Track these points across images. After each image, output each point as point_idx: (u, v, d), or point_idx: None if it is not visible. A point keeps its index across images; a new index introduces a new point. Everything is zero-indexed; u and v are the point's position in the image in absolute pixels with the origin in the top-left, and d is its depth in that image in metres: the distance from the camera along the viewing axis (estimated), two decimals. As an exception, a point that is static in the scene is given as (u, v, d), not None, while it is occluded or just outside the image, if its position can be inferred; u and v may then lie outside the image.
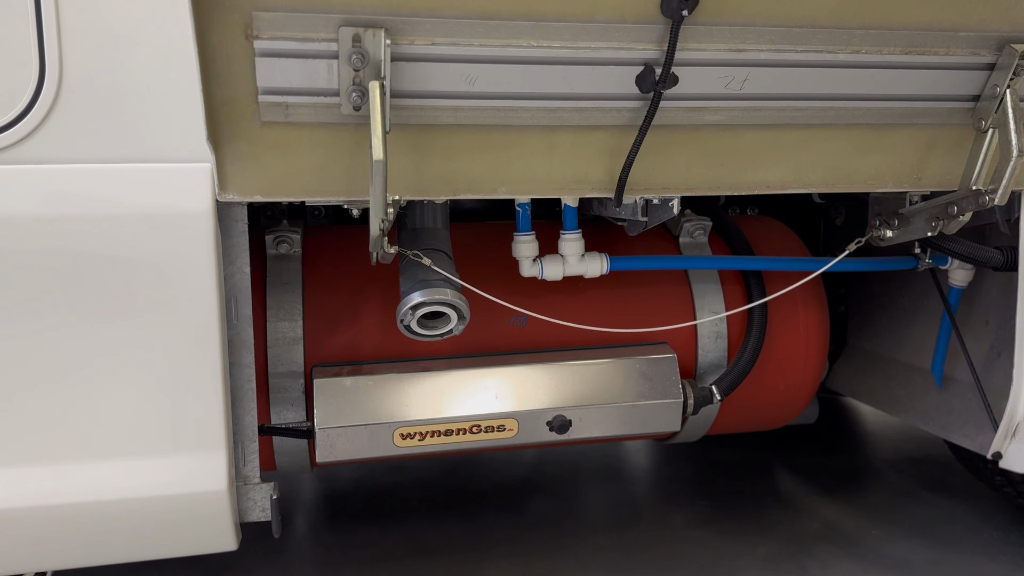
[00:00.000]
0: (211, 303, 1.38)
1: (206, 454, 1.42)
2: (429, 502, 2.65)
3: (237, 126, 1.30)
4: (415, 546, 2.35)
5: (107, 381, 1.37)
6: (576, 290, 1.86)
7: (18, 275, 1.32)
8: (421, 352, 1.78)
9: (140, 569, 2.19)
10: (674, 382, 1.77)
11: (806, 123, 1.49)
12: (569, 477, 2.86)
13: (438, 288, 1.53)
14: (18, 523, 1.40)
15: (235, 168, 1.33)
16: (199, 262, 1.37)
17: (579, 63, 1.34)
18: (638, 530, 2.46)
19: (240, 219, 1.45)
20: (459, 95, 1.34)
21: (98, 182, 1.33)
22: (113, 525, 1.43)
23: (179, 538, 1.47)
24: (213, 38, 1.21)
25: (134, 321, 1.36)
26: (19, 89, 1.29)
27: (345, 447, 1.64)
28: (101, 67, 1.28)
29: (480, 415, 1.68)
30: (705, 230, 1.96)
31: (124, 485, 1.39)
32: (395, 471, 2.89)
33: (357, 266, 1.82)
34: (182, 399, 1.39)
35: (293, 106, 1.30)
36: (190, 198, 1.35)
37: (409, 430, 1.66)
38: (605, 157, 1.45)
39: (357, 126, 1.34)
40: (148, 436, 1.39)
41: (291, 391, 1.71)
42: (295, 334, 1.72)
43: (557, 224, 1.75)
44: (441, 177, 1.42)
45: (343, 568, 2.24)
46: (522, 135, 1.41)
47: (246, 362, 1.50)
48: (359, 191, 1.39)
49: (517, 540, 2.38)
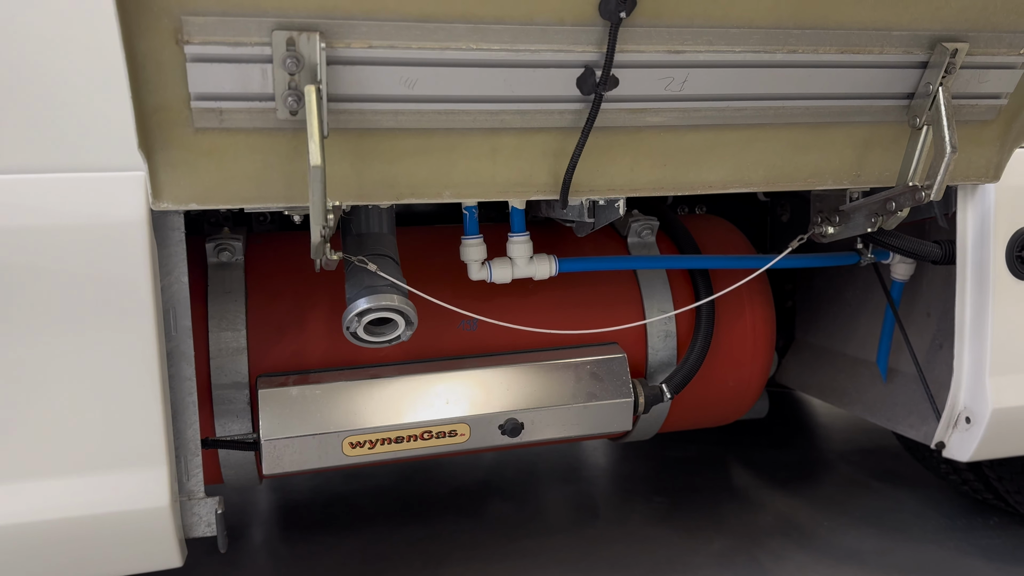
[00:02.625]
0: (147, 315, 1.35)
1: (147, 470, 1.38)
2: (386, 509, 2.63)
3: (170, 133, 1.26)
4: (372, 554, 2.32)
5: (40, 397, 1.32)
6: (526, 292, 1.85)
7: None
8: (370, 359, 1.76)
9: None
10: (624, 382, 1.78)
11: (746, 123, 1.51)
12: (527, 479, 2.86)
13: (384, 294, 1.51)
14: (-52, 549, 1.34)
15: (169, 176, 1.30)
16: (134, 273, 1.33)
17: (519, 66, 1.33)
18: (596, 529, 2.47)
19: (177, 228, 1.42)
20: (398, 98, 1.32)
21: (26, 192, 1.28)
22: (53, 546, 1.38)
23: (123, 557, 1.43)
24: (142, 44, 1.18)
25: (68, 335, 1.32)
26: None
27: (292, 458, 1.61)
28: (26, 74, 1.24)
29: (431, 421, 1.66)
30: (652, 230, 1.97)
31: (62, 504, 1.35)
32: (352, 479, 2.86)
33: (302, 273, 1.79)
34: (120, 414, 1.35)
35: (227, 112, 1.27)
36: (123, 207, 1.31)
37: (359, 439, 1.63)
38: (549, 159, 1.45)
39: (294, 131, 1.31)
40: (86, 453, 1.35)
41: (236, 402, 1.68)
42: (238, 344, 1.68)
43: (506, 227, 1.75)
44: (383, 182, 1.40)
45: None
46: (464, 138, 1.40)
47: (186, 374, 1.46)
48: (299, 197, 1.37)
49: (475, 544, 2.37)
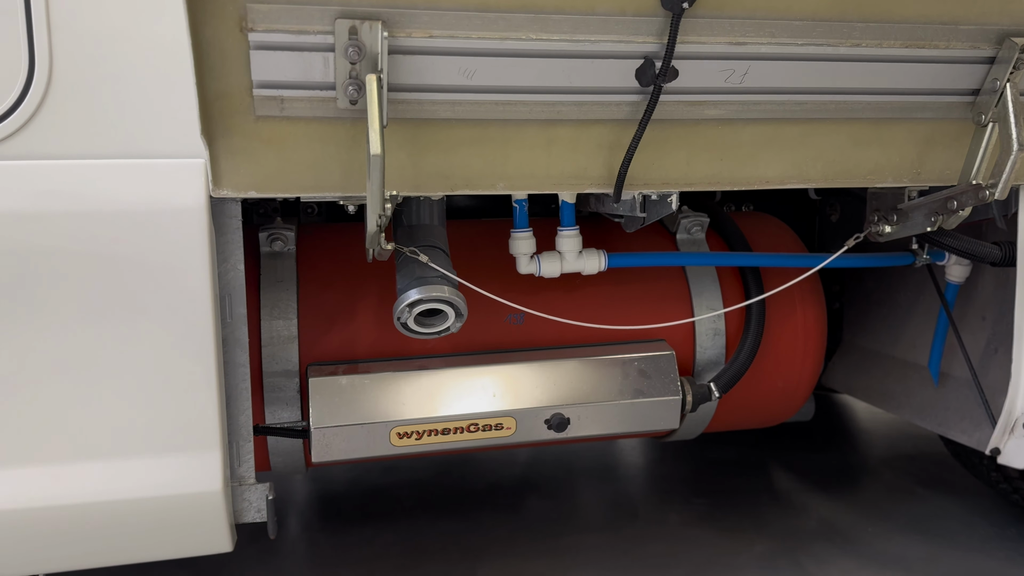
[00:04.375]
0: (205, 301, 1.36)
1: (201, 454, 1.39)
2: (424, 502, 2.63)
3: (231, 120, 1.28)
4: (410, 546, 2.33)
5: (99, 381, 1.34)
6: (573, 287, 1.84)
7: (5, 273, 1.29)
8: (417, 350, 1.76)
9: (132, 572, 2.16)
10: (672, 379, 1.76)
11: (806, 117, 1.48)
12: (564, 476, 2.85)
13: (435, 285, 1.52)
14: (9, 525, 1.37)
15: (229, 163, 1.31)
16: (192, 259, 1.34)
17: (578, 56, 1.32)
18: (634, 528, 2.45)
19: (234, 216, 1.43)
20: (457, 89, 1.32)
21: (89, 178, 1.30)
22: (106, 527, 1.40)
23: (173, 540, 1.45)
24: (207, 31, 1.19)
25: (126, 319, 1.33)
26: (7, 84, 1.26)
27: (341, 447, 1.62)
28: (93, 61, 1.25)
29: (477, 414, 1.66)
30: (702, 226, 1.95)
31: (118, 486, 1.37)
32: (389, 471, 2.87)
33: (352, 263, 1.80)
34: (176, 399, 1.37)
35: (288, 100, 1.28)
36: (183, 194, 1.32)
37: (406, 429, 1.64)
38: (604, 152, 1.44)
39: (353, 120, 1.32)
40: (142, 437, 1.37)
41: (286, 390, 1.69)
42: (290, 332, 1.69)
43: (553, 221, 1.74)
44: (438, 172, 1.40)
45: (338, 569, 2.22)
46: (520, 129, 1.39)
47: (241, 361, 1.47)
48: (355, 187, 1.37)
49: (513, 540, 2.37)
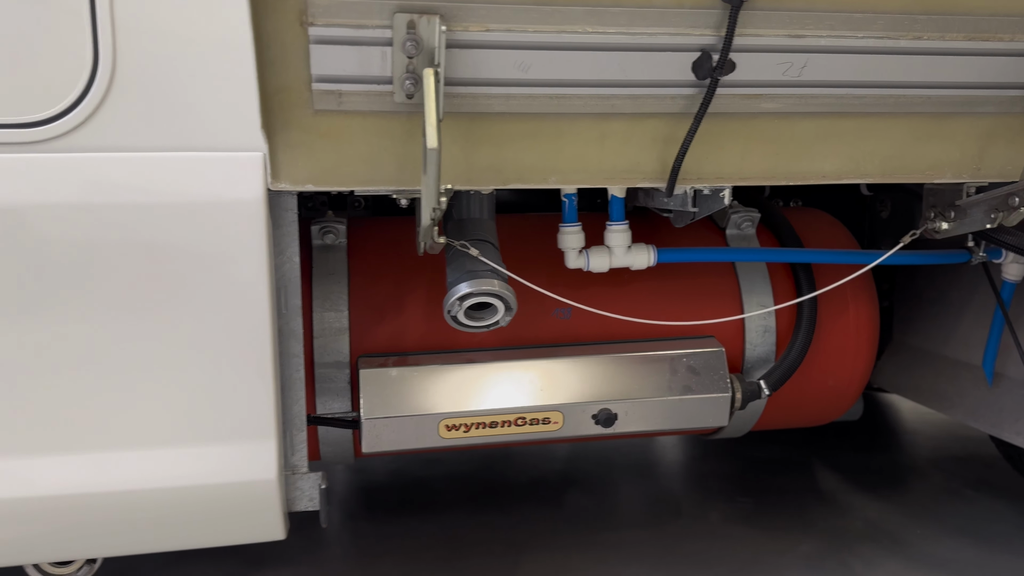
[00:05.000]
0: (262, 292, 1.38)
1: (257, 443, 1.42)
2: (466, 495, 2.64)
3: (290, 114, 1.29)
4: (453, 538, 2.34)
5: (159, 370, 1.37)
6: (620, 282, 1.83)
7: (71, 263, 1.32)
8: (464, 343, 1.77)
9: (180, 558, 2.20)
10: (722, 376, 1.74)
11: (864, 111, 1.46)
12: (605, 472, 2.84)
13: (486, 279, 1.52)
14: (70, 510, 1.40)
15: (287, 157, 1.33)
16: (251, 251, 1.36)
17: (634, 49, 1.32)
18: (677, 526, 2.44)
19: (290, 208, 1.45)
20: (511, 82, 1.32)
21: (150, 170, 1.33)
22: (164, 513, 1.43)
23: (229, 527, 1.47)
24: (268, 25, 1.21)
25: (186, 309, 1.36)
26: (72, 77, 1.29)
27: (391, 438, 1.64)
28: (155, 55, 1.28)
29: (525, 407, 1.67)
30: (753, 222, 1.93)
31: (175, 473, 1.40)
32: (430, 464, 2.89)
33: (401, 257, 1.81)
34: (233, 388, 1.39)
35: (346, 94, 1.29)
36: (241, 186, 1.34)
37: (455, 422, 1.65)
38: (658, 146, 1.43)
39: (409, 114, 1.33)
40: (200, 425, 1.39)
41: (336, 381, 1.71)
42: (341, 324, 1.71)
43: (599, 216, 1.73)
44: (491, 166, 1.40)
45: (382, 558, 2.24)
46: (574, 123, 1.39)
47: (295, 352, 1.49)
48: (410, 180, 1.38)
49: (555, 533, 2.37)
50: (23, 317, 1.31)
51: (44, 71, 1.28)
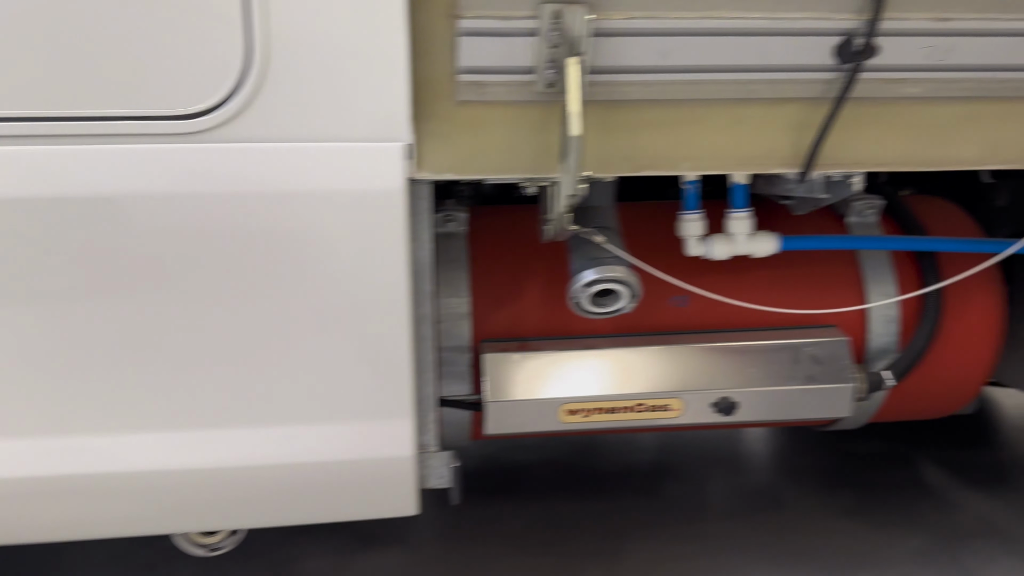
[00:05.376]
0: (401, 278, 1.43)
1: (395, 422, 1.47)
2: (563, 482, 2.67)
3: (434, 105, 1.33)
4: (554, 523, 2.37)
5: (305, 351, 1.43)
6: (739, 270, 1.82)
7: (224, 249, 1.39)
8: (582, 330, 1.79)
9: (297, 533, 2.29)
10: (846, 366, 1.73)
11: (1007, 96, 1.42)
12: (697, 463, 2.83)
13: (611, 266, 1.54)
14: (218, 483, 1.48)
15: (429, 147, 1.37)
16: (391, 238, 1.41)
17: (775, 34, 1.31)
18: (779, 519, 2.42)
19: (424, 197, 1.49)
20: (650, 69, 1.33)
21: (299, 160, 1.38)
22: (306, 487, 1.50)
23: (365, 501, 1.53)
24: (419, 17, 1.24)
25: (331, 294, 1.41)
26: (227, 70, 1.35)
27: (513, 421, 1.67)
28: (307, 48, 1.33)
29: (645, 393, 1.68)
30: (877, 210, 1.89)
31: (318, 449, 1.46)
32: (524, 449, 2.93)
33: (520, 244, 1.84)
34: (373, 369, 1.45)
35: (488, 84, 1.32)
36: (384, 176, 1.39)
37: (575, 407, 1.67)
38: (794, 131, 1.42)
39: (547, 103, 1.35)
40: (342, 403, 1.45)
41: (458, 365, 1.76)
42: (463, 310, 1.76)
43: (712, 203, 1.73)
44: (624, 154, 1.42)
45: (484, 539, 2.29)
46: (709, 109, 1.39)
47: (426, 336, 1.54)
48: (544, 168, 1.41)
49: (655, 523, 2.38)
50: (189, 300, 1.38)
51: (200, 64, 1.35)
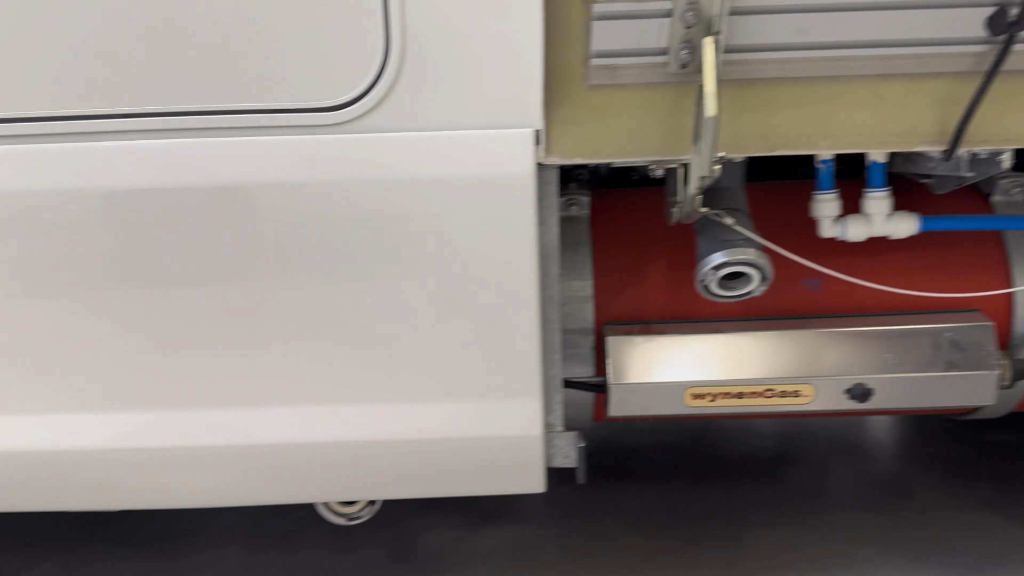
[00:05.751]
0: (530, 261, 1.46)
1: (523, 401, 1.51)
2: (680, 467, 2.66)
3: (565, 90, 1.35)
4: (672, 508, 2.37)
5: (438, 331, 1.48)
6: (873, 252, 1.76)
7: (363, 235, 1.45)
8: (707, 314, 1.78)
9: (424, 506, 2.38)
10: (990, 352, 1.64)
11: None
12: (821, 451, 2.75)
13: (741, 248, 1.52)
14: (360, 455, 1.56)
15: (559, 132, 1.38)
16: (520, 223, 1.44)
17: (923, 7, 1.26)
18: (909, 509, 2.33)
19: (551, 182, 1.51)
20: (787, 47, 1.30)
21: (434, 148, 1.43)
22: (439, 461, 1.56)
23: (494, 477, 1.58)
24: (554, 4, 1.26)
25: (464, 277, 1.46)
26: (366, 63, 1.41)
27: (637, 403, 1.68)
28: (443, 38, 1.36)
29: (775, 379, 1.65)
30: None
31: (451, 425, 1.51)
32: (640, 433, 2.92)
33: (642, 227, 1.84)
34: (504, 349, 1.49)
35: (620, 68, 1.32)
36: (515, 161, 1.42)
37: (701, 391, 1.66)
38: (939, 107, 1.36)
39: (679, 84, 1.34)
40: (474, 382, 1.50)
41: (581, 347, 1.77)
42: (586, 293, 1.77)
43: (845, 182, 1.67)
44: (757, 133, 1.39)
45: (603, 520, 2.31)
46: (848, 86, 1.35)
47: (553, 318, 1.57)
48: (674, 150, 1.40)
49: (777, 510, 2.33)
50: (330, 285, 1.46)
51: (343, 57, 1.41)
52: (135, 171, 1.44)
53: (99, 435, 1.55)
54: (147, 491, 1.66)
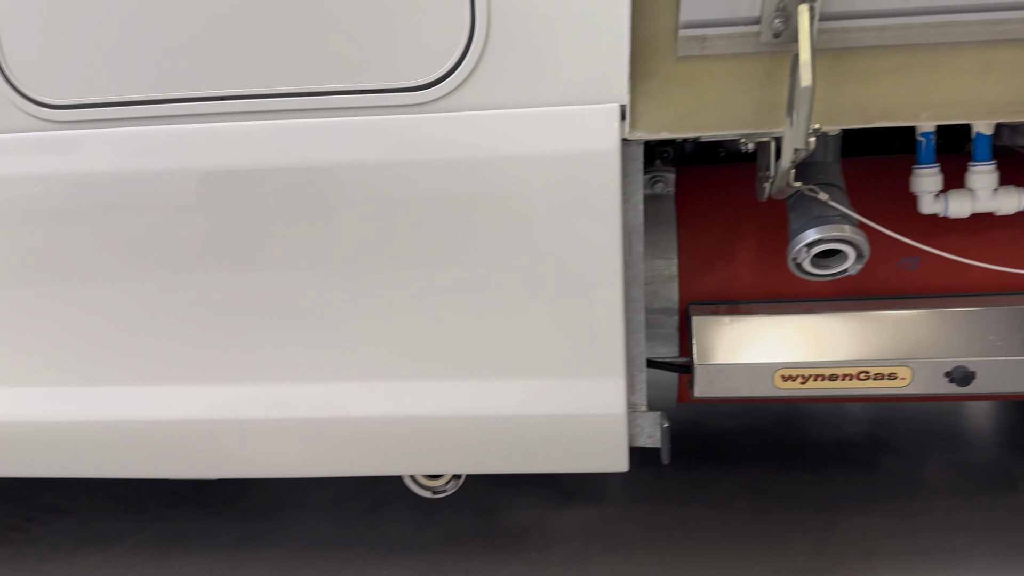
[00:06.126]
0: (614, 238, 1.44)
1: (606, 380, 1.50)
2: (767, 451, 2.60)
3: (653, 63, 1.33)
4: (760, 492, 2.32)
5: (525, 308, 1.49)
6: (976, 230, 1.67)
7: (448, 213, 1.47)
8: (798, 293, 1.73)
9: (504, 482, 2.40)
10: (1106, 335, 1.54)
11: None
12: (915, 437, 2.65)
13: (836, 224, 1.47)
14: (443, 430, 1.58)
15: (646, 106, 1.36)
16: (604, 199, 1.43)
17: (1038, -35, 1.18)
18: (1008, 500, 2.22)
19: (636, 158, 1.49)
20: (889, 13, 1.24)
21: (517, 126, 1.43)
22: (523, 438, 1.57)
23: (577, 455, 1.58)
24: (642, -26, 1.24)
25: (549, 254, 1.46)
26: (452, 42, 1.42)
27: (724, 384, 1.65)
28: (527, 16, 1.36)
29: (869, 361, 1.59)
30: None
31: (536, 403, 1.52)
32: (725, 416, 2.87)
33: (728, 205, 1.80)
34: (587, 328, 1.48)
35: (710, 38, 1.29)
36: (599, 137, 1.40)
37: (792, 372, 1.62)
38: (1054, 74, 1.28)
39: (772, 55, 1.30)
40: (558, 360, 1.50)
41: (666, 327, 1.75)
42: (670, 272, 1.75)
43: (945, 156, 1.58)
44: (855, 104, 1.34)
45: (688, 503, 2.28)
46: (953, 53, 1.28)
47: (637, 296, 1.55)
48: (766, 123, 1.36)
49: (870, 497, 2.26)
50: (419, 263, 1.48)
51: (427, 37, 1.42)
52: (229, 153, 1.49)
53: (200, 407, 1.63)
54: (244, 461, 1.73)
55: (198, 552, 2.14)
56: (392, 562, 2.04)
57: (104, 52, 1.46)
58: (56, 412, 1.65)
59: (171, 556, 2.13)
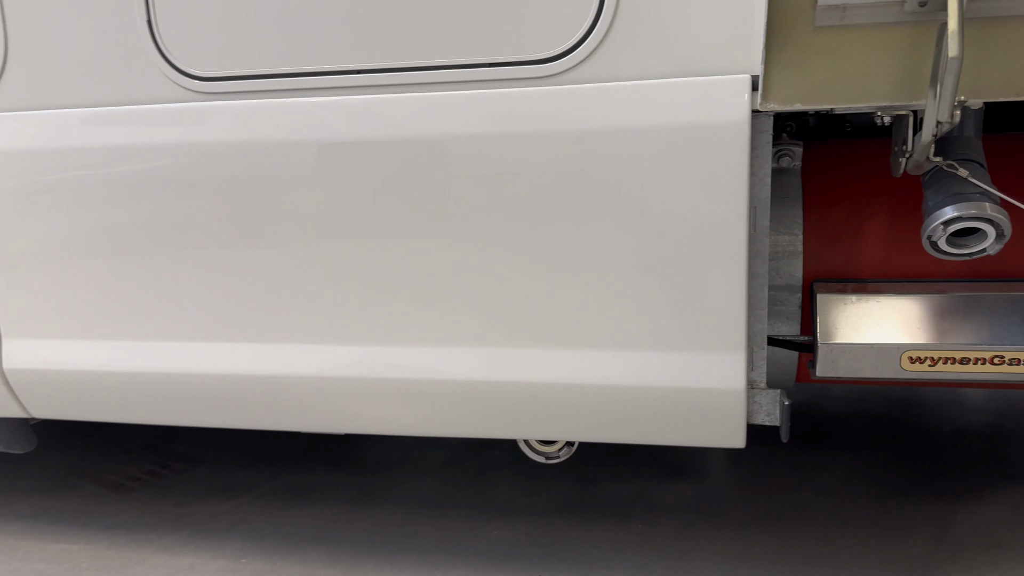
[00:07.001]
0: (740, 211, 1.43)
1: (726, 354, 1.50)
2: (885, 437, 2.53)
3: (789, 33, 1.30)
4: (876, 478, 2.26)
5: (647, 279, 1.50)
6: None
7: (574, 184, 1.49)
8: (929, 273, 1.66)
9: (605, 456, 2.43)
10: None
11: None
12: (1046, 430, 2.52)
13: (975, 202, 1.40)
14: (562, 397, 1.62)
15: (779, 76, 1.34)
16: (733, 171, 1.42)
17: None
18: None
19: (766, 130, 1.47)
20: (1048, -22, 1.18)
21: (644, 96, 1.43)
22: (640, 409, 1.59)
23: (694, 429, 1.59)
24: (781, -58, 1.22)
25: (672, 226, 1.46)
26: (581, 13, 1.44)
27: (847, 365, 1.61)
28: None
29: (1007, 346, 1.52)
30: None
31: (653, 373, 1.53)
32: (840, 401, 2.81)
33: (857, 181, 1.75)
34: (708, 301, 1.48)
35: (850, 7, 1.26)
36: (729, 108, 1.39)
37: (921, 354, 1.57)
38: None
39: (915, 24, 1.26)
40: (679, 332, 1.51)
41: (788, 304, 1.72)
42: (794, 248, 1.71)
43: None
44: (1004, 76, 1.28)
45: (800, 486, 2.25)
46: (1119, 21, 1.20)
47: (760, 272, 1.53)
48: (907, 94, 1.32)
49: (993, 489, 2.17)
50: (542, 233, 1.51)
51: (556, 10, 1.44)
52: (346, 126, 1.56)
53: (327, 364, 1.71)
54: (366, 417, 1.81)
55: (320, 504, 2.27)
56: (502, 524, 2.11)
57: (243, 26, 1.55)
58: (193, 365, 1.77)
59: (296, 507, 2.27)
